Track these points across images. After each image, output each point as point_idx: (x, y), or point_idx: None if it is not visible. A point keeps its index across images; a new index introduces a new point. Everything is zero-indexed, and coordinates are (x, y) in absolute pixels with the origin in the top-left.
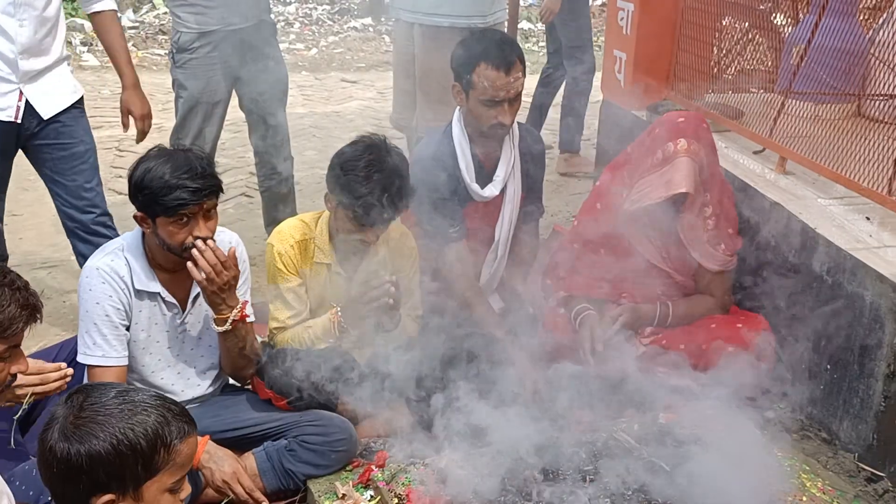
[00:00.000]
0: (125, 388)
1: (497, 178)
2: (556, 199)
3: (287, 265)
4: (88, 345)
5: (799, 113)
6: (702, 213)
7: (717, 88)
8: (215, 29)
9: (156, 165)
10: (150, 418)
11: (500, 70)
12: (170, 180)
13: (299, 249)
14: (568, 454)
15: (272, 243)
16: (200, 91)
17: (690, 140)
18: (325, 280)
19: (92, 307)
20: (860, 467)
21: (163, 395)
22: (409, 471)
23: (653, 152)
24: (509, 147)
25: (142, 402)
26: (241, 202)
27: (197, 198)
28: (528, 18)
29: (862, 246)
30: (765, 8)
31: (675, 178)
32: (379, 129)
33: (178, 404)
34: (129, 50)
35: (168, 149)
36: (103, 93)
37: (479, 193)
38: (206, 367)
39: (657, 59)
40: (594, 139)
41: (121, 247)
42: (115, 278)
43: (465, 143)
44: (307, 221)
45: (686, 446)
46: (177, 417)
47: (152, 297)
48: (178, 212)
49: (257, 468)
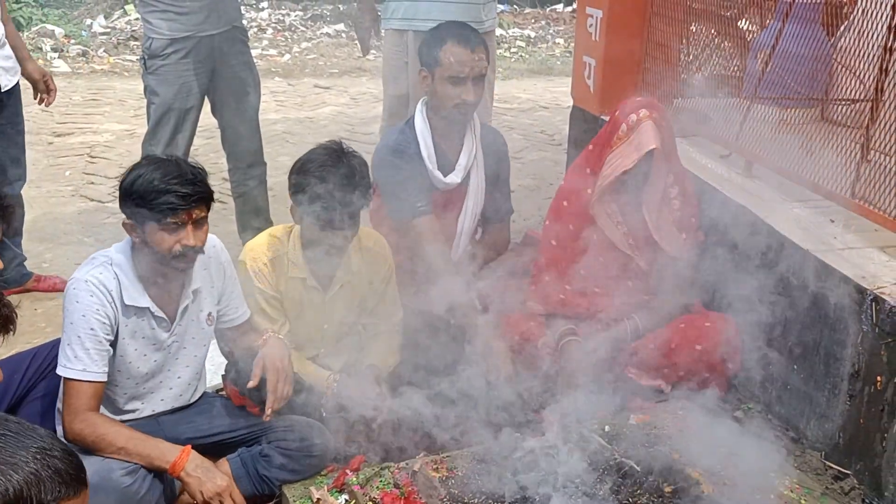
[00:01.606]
0: (10, 429)
1: (459, 165)
2: (528, 203)
3: (262, 282)
4: (70, 357)
5: (764, 117)
6: (667, 193)
7: (684, 93)
8: (187, 35)
9: (146, 172)
10: (16, 475)
11: (465, 47)
12: (159, 185)
13: (273, 267)
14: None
15: (244, 261)
16: (173, 97)
17: (651, 110)
18: (301, 294)
19: (77, 319)
20: (827, 465)
21: (54, 446)
22: (383, 474)
23: (616, 129)
24: (471, 137)
25: (14, 453)
26: (215, 208)
27: (186, 203)
28: (501, 25)
29: (826, 248)
30: (731, 14)
31: (643, 140)
32: (352, 133)
33: (68, 459)
34: (94, 55)
35: (159, 157)
36: (74, 98)
37: (441, 180)
38: (190, 378)
39: (626, 65)
40: (565, 144)
41: (109, 260)
42: (103, 292)
43: (427, 132)
44: (278, 236)
45: (656, 447)
46: (53, 476)
47: (141, 312)
48: (168, 218)
49: (232, 474)
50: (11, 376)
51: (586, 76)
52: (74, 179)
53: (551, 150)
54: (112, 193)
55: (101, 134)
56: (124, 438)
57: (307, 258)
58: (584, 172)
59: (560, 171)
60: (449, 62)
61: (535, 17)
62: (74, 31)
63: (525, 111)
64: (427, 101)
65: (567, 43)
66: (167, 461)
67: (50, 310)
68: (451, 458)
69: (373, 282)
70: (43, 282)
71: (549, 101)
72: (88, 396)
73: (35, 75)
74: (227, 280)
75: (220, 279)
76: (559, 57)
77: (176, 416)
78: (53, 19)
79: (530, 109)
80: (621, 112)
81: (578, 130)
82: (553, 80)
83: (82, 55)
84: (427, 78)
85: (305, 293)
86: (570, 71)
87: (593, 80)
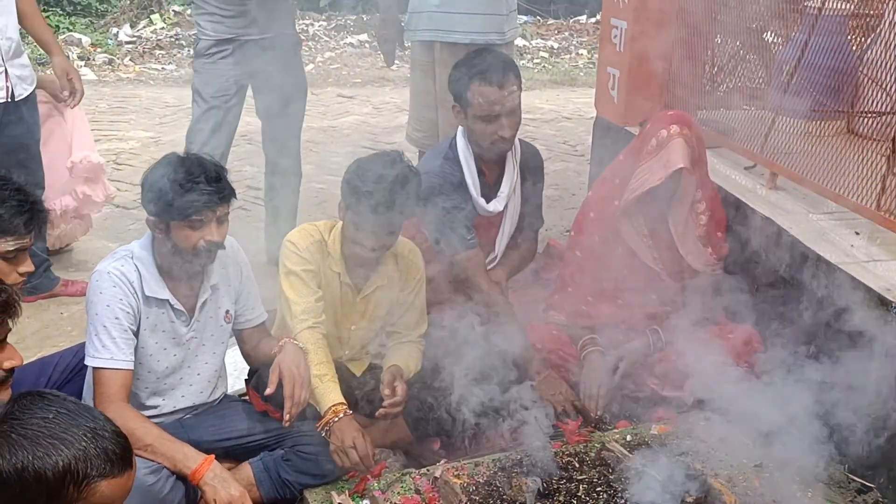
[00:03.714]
0: (68, 408)
1: (502, 193)
2: (551, 213)
3: (306, 257)
4: (97, 347)
5: (789, 129)
6: (694, 208)
7: (709, 105)
8: (230, 37)
9: (170, 170)
10: (67, 451)
11: (493, 85)
12: (185, 184)
13: (318, 249)
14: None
15: (292, 240)
16: (212, 96)
17: (682, 126)
18: (335, 290)
19: (102, 310)
20: (850, 478)
21: (105, 427)
22: (404, 480)
23: (646, 143)
24: (512, 163)
25: (67, 429)
26: (238, 215)
27: (211, 202)
28: (523, 35)
29: (851, 260)
30: (756, 27)
31: (671, 158)
32: (375, 143)
33: (116, 440)
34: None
35: (181, 155)
36: (100, 106)
37: (484, 208)
38: (209, 375)
39: (650, 76)
40: (587, 155)
41: (130, 254)
42: (125, 282)
43: (471, 157)
44: (321, 229)
45: (678, 457)
46: (101, 454)
47: (161, 304)
48: (193, 216)
49: (254, 478)
50: (38, 379)
51: (610, 87)
52: None
53: (574, 160)
54: (137, 200)
55: (126, 141)
56: (153, 436)
57: (345, 255)
58: (612, 184)
59: (582, 181)
60: (479, 103)
61: (559, 27)
62: (101, 39)
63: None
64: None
65: (590, 54)
66: (189, 467)
67: (76, 314)
68: (472, 464)
69: (403, 289)
70: (71, 286)
71: (571, 112)
72: (118, 385)
73: (57, 70)
74: (244, 280)
75: (238, 278)
76: (582, 68)
77: (199, 418)
78: (80, 28)
79: (553, 120)
80: (652, 125)
81: (602, 141)
82: (576, 91)
83: (108, 63)
84: (460, 113)
85: (339, 290)
86: (593, 82)
87: (617, 91)
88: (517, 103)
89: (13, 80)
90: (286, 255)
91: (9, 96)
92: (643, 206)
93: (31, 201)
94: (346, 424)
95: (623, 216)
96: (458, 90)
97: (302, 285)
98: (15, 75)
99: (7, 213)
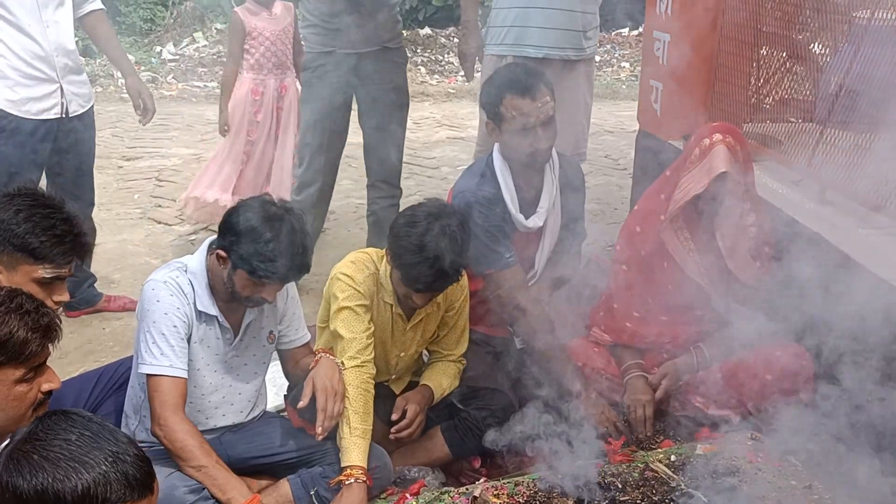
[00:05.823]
0: (91, 430)
1: (541, 209)
2: (592, 228)
3: (362, 291)
4: (155, 355)
5: (838, 142)
6: (743, 220)
7: (754, 118)
8: (331, 50)
9: (260, 226)
10: (87, 474)
11: (525, 97)
12: (268, 252)
13: (373, 282)
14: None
15: (347, 274)
16: (318, 108)
17: (725, 134)
18: (388, 320)
19: (160, 318)
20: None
21: (128, 451)
22: (443, 499)
23: (690, 154)
24: (551, 177)
25: (89, 452)
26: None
27: (286, 279)
28: None
29: None
30: (803, 38)
31: (714, 164)
32: (414, 158)
33: (138, 465)
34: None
35: (275, 210)
36: None
37: (523, 224)
38: (250, 395)
39: (693, 89)
40: (630, 169)
41: (184, 267)
42: (181, 293)
43: (508, 173)
44: (374, 258)
45: (724, 478)
46: (121, 479)
47: (210, 320)
48: (262, 278)
49: (292, 495)
50: (79, 394)
51: (653, 100)
52: (143, 202)
53: (616, 174)
54: (178, 217)
55: (168, 158)
56: (209, 460)
57: (394, 283)
58: (658, 198)
59: (625, 195)
60: (512, 116)
61: (601, 40)
62: (144, 58)
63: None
64: None
65: (633, 67)
66: (239, 501)
67: (117, 329)
68: (512, 483)
69: (448, 311)
70: (113, 302)
71: (613, 126)
72: (178, 394)
73: (130, 90)
74: (290, 301)
75: (283, 299)
76: (624, 81)
77: (237, 435)
78: (125, 46)
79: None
80: (696, 137)
81: (644, 155)
82: (618, 104)
83: (152, 81)
84: (494, 130)
85: (391, 320)
86: (635, 95)
87: (660, 105)
88: (551, 114)
89: (68, 97)
90: (341, 288)
91: (63, 112)
92: (688, 218)
93: (75, 233)
94: (355, 493)
95: (668, 229)
96: (491, 106)
97: (356, 321)
98: (71, 92)
99: (49, 241)
